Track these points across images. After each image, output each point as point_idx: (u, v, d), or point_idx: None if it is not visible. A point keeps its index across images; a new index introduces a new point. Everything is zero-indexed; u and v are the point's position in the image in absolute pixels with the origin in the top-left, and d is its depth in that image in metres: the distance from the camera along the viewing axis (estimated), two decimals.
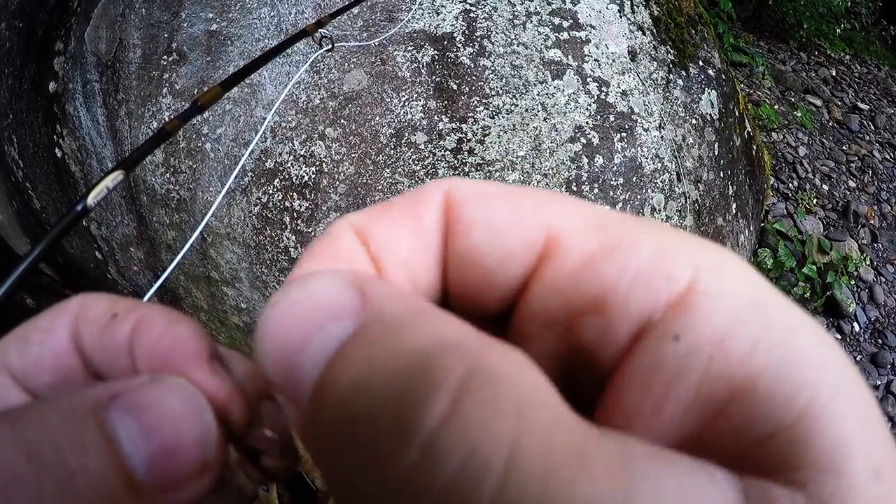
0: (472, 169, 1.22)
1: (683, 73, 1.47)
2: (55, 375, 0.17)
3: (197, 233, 0.65)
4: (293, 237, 1.25)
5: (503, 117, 1.22)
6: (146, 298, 0.63)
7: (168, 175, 1.28)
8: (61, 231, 0.43)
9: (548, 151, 1.24)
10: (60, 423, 0.13)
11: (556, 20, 1.29)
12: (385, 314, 0.12)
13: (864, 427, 0.10)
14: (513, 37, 1.26)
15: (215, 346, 0.18)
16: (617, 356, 0.12)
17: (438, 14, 1.25)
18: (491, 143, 1.22)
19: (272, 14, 1.24)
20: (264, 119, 1.14)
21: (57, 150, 1.44)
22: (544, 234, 0.13)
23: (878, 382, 2.32)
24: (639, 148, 1.31)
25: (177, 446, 0.14)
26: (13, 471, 0.12)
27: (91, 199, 0.44)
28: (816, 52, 4.48)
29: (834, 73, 4.30)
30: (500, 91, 1.23)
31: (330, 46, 0.81)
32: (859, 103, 4.03)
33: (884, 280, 2.92)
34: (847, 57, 4.64)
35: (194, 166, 1.26)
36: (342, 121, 1.21)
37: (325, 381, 0.12)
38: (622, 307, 0.12)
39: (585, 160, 1.26)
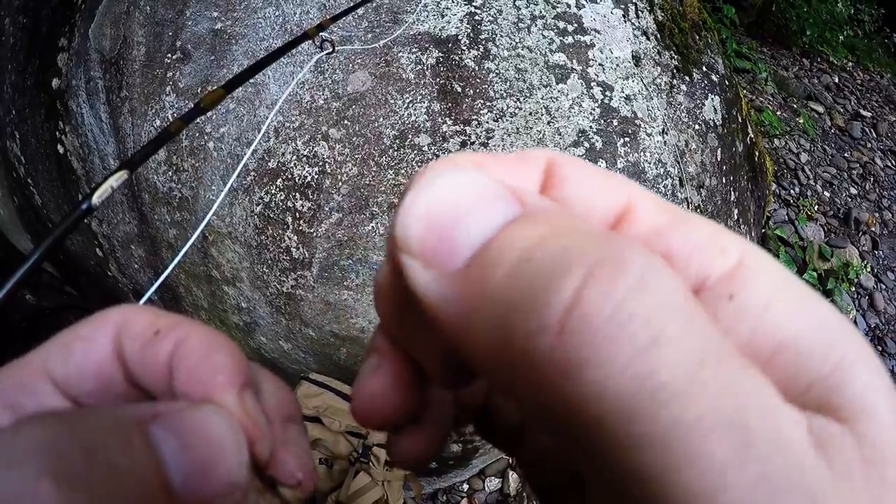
0: None
1: (687, 78, 1.46)
2: (97, 384, 0.18)
3: (198, 233, 0.65)
4: (295, 237, 1.24)
5: (507, 120, 1.22)
6: (143, 301, 0.63)
7: (170, 173, 1.28)
8: (65, 230, 0.43)
9: None
10: (110, 428, 0.14)
11: (561, 24, 1.29)
12: (547, 207, 0.14)
13: (884, 383, 0.13)
14: (517, 40, 1.25)
15: (249, 374, 0.19)
16: None
17: (443, 16, 1.25)
18: (494, 146, 1.21)
19: (277, 14, 1.24)
20: (267, 118, 1.14)
21: (59, 146, 1.44)
22: (625, 201, 0.16)
23: None
24: (642, 153, 1.31)
25: (210, 464, 0.15)
26: (70, 463, 0.13)
27: (96, 199, 0.44)
28: (819, 59, 4.49)
29: (836, 79, 4.30)
30: (505, 94, 1.23)
31: (330, 50, 0.81)
32: (861, 110, 4.04)
33: (884, 287, 2.92)
34: (850, 64, 4.65)
35: (197, 165, 1.26)
36: (346, 122, 1.21)
37: (501, 239, 0.13)
38: (683, 269, 0.14)
39: None
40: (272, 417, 0.19)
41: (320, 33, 0.75)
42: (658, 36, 1.42)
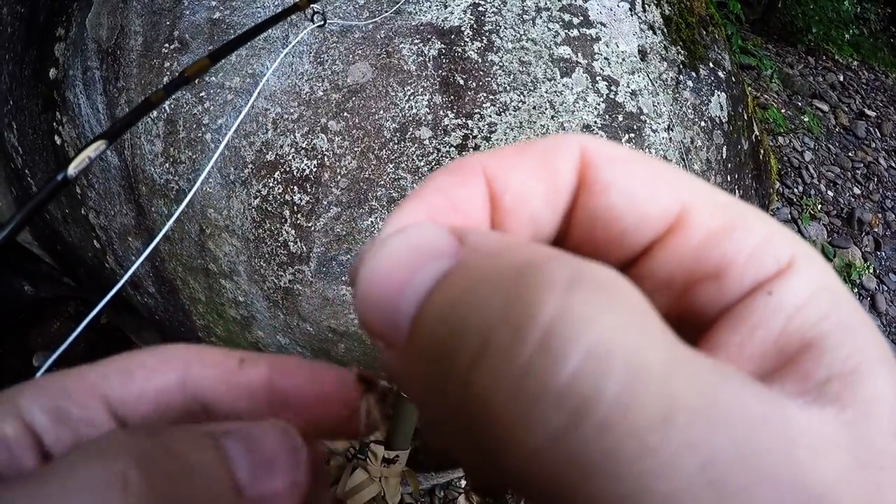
0: None
1: (693, 74, 1.44)
2: (153, 409, 0.19)
3: (175, 216, 0.63)
4: (293, 231, 1.23)
5: (510, 114, 1.20)
6: (124, 280, 0.61)
7: (167, 165, 1.27)
8: (42, 200, 0.42)
9: None
10: (187, 437, 0.16)
11: (567, 17, 1.27)
12: (483, 247, 0.14)
13: (894, 394, 0.13)
14: (522, 32, 1.23)
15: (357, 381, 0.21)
16: (721, 312, 0.15)
17: (446, 7, 1.23)
18: (497, 140, 1.20)
19: (276, 2, 1.22)
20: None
21: (56, 137, 1.42)
22: (678, 206, 0.15)
23: None
24: (647, 149, 1.29)
25: (272, 463, 0.17)
26: (153, 459, 0.15)
27: (72, 170, 0.43)
28: (824, 57, 4.46)
29: (841, 78, 4.26)
30: (508, 87, 1.21)
31: (322, 22, 0.79)
32: (866, 110, 4.00)
33: (886, 289, 2.89)
34: (855, 63, 4.61)
35: (194, 157, 1.24)
36: (345, 114, 1.19)
37: (425, 305, 0.13)
38: (738, 278, 0.14)
39: None
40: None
41: (311, 5, 0.73)
42: (665, 30, 1.40)
